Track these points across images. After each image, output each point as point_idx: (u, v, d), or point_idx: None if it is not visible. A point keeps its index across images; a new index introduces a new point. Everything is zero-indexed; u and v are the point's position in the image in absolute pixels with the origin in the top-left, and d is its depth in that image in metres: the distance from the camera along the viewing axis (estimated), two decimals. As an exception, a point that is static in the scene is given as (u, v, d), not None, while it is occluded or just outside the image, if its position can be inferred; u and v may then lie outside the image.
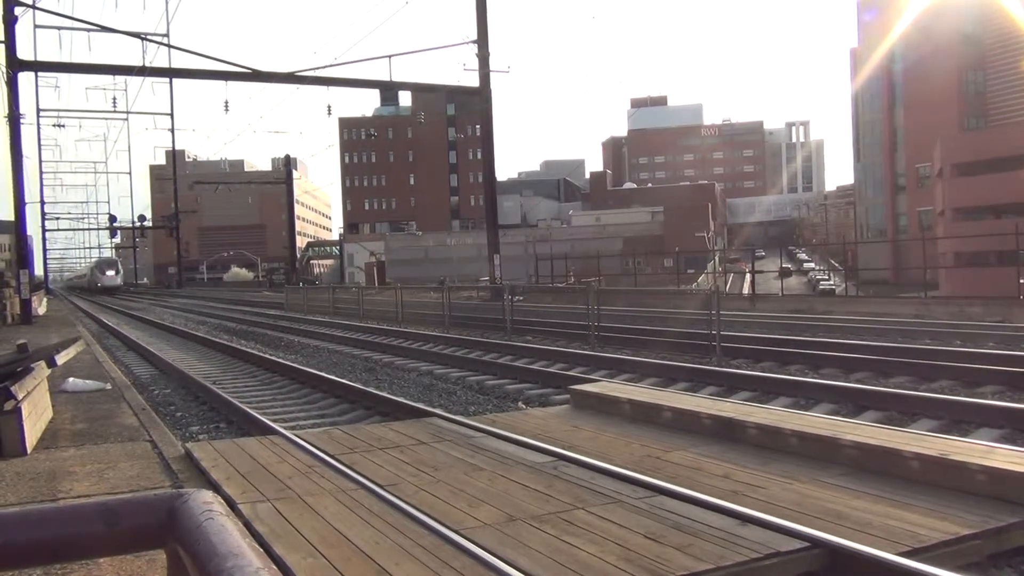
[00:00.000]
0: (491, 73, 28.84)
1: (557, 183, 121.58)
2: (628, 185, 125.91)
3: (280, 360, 12.68)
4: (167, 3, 70.00)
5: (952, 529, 3.79)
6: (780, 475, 4.82)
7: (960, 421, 7.13)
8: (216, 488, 4.81)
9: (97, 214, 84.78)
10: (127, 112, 50.16)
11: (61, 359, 9.80)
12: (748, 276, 36.90)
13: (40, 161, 58.49)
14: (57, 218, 77.39)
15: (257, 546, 1.42)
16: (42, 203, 57.10)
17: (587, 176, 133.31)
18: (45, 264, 59.62)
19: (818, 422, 5.75)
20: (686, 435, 6.04)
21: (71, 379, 10.13)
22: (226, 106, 28.65)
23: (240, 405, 8.61)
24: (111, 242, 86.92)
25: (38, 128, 52.18)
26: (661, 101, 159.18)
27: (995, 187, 47.51)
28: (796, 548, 3.57)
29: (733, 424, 5.84)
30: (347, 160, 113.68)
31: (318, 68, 27.27)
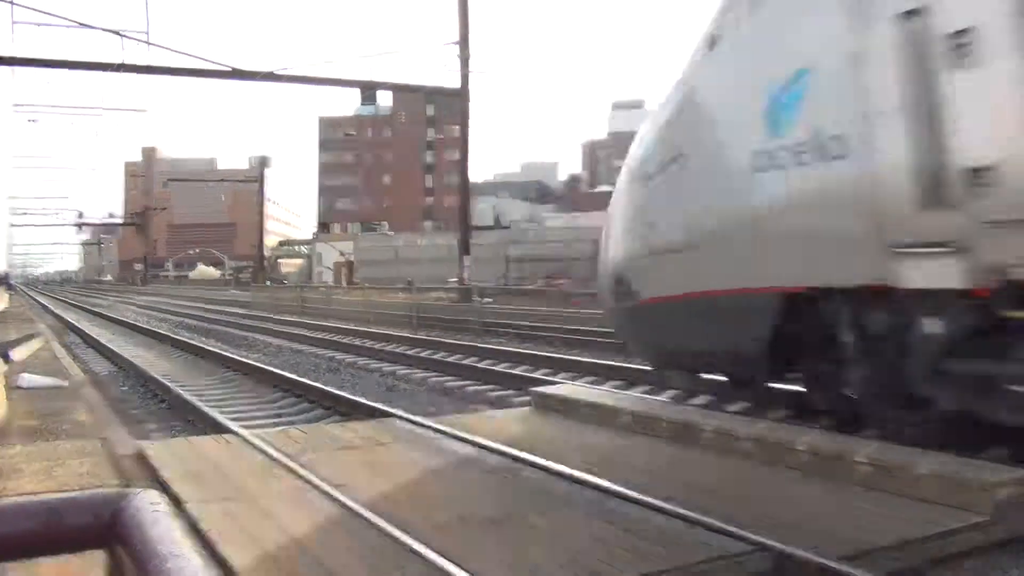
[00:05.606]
0: (472, 74, 28.80)
1: (533, 185, 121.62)
2: (603, 188, 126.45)
3: (242, 359, 12.55)
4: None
5: (898, 533, 3.84)
6: (733, 478, 4.86)
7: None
8: (165, 487, 4.73)
9: (68, 209, 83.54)
10: (102, 108, 49.22)
11: (17, 355, 9.64)
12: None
13: (10, 156, 57.55)
14: (24, 213, 75.90)
15: (200, 547, 1.40)
16: (9, 198, 56.12)
17: (563, 178, 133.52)
18: (8, 259, 58.54)
19: (773, 427, 5.79)
20: (645, 438, 6.07)
21: (26, 375, 9.92)
22: (204, 104, 28.30)
23: (197, 403, 8.50)
24: (77, 238, 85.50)
25: (10, 124, 51.12)
26: (639, 104, 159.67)
27: None
28: (743, 551, 3.59)
29: (690, 427, 5.87)
30: (325, 159, 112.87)
31: (299, 67, 27.00)
